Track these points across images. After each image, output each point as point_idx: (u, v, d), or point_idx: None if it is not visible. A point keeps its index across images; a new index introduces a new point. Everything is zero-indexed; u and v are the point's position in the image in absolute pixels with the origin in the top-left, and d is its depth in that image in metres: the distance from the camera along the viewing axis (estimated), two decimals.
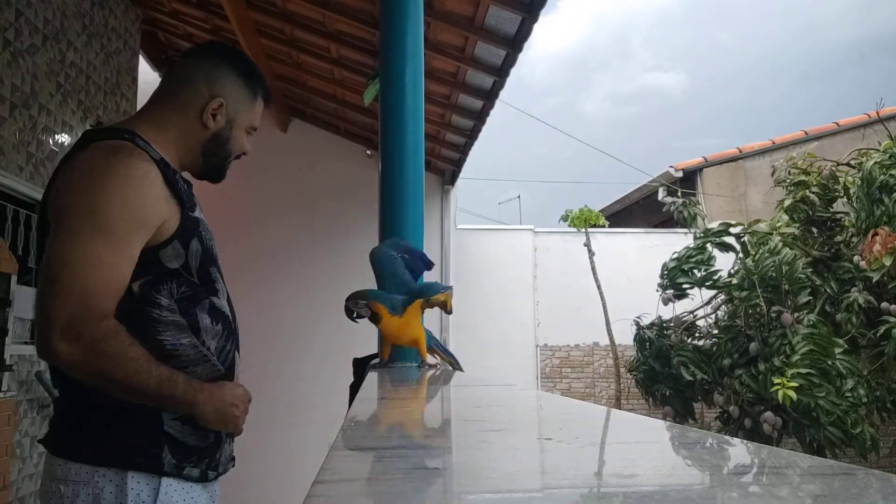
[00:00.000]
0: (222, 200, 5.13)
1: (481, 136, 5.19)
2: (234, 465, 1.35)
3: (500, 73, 4.17)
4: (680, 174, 8.74)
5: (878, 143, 5.42)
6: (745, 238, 5.47)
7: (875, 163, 5.00)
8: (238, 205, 5.74)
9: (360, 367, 1.56)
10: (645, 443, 0.62)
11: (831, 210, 5.58)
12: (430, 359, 1.54)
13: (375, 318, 1.42)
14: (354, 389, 1.48)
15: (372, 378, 1.38)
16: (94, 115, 4.37)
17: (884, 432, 5.55)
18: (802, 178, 5.58)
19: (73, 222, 1.12)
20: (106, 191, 1.14)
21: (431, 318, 1.70)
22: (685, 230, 6.97)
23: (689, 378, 5.16)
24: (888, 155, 5.03)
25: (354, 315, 1.44)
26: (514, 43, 3.80)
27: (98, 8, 4.42)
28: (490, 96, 4.52)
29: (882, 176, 4.91)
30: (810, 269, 5.17)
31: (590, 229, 7.08)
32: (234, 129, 1.35)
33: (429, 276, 1.81)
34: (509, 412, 0.91)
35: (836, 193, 5.51)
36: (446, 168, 6.21)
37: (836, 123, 8.90)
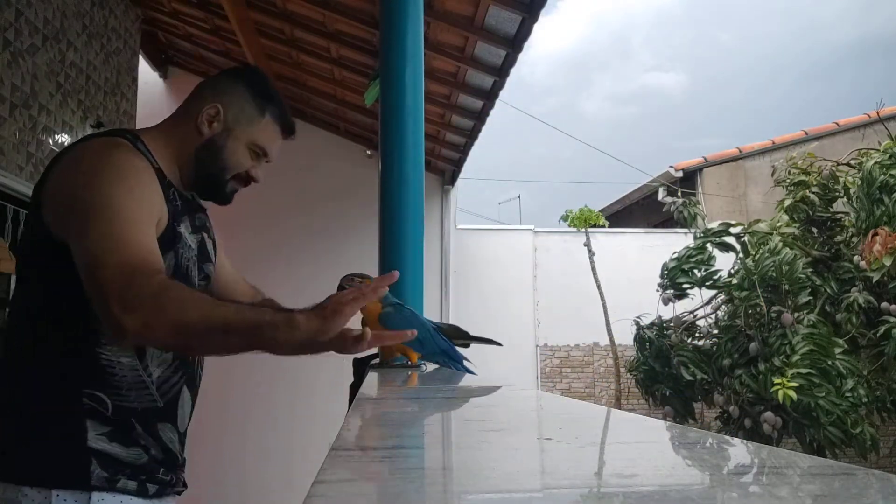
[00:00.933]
0: None
1: (481, 136, 5.19)
2: (185, 488, 1.28)
3: (500, 73, 4.16)
4: (680, 174, 8.75)
5: (878, 143, 5.43)
6: (745, 238, 5.48)
7: (875, 163, 5.00)
8: (238, 204, 5.68)
9: (360, 367, 1.56)
10: (645, 443, 0.62)
11: (831, 210, 5.58)
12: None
13: None
14: (354, 389, 1.48)
15: (372, 378, 1.38)
16: (94, 115, 4.37)
17: (884, 432, 5.55)
18: (802, 178, 5.58)
19: (89, 216, 1.09)
20: (113, 182, 1.12)
21: (431, 315, 1.70)
22: (685, 230, 6.97)
23: (689, 378, 5.17)
24: (888, 155, 5.03)
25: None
26: (514, 43, 3.80)
27: (98, 8, 4.42)
28: (490, 96, 4.52)
29: (882, 176, 4.92)
30: (810, 269, 5.17)
31: (590, 229, 7.08)
32: (231, 140, 1.29)
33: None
34: (509, 412, 0.91)
35: (836, 193, 5.52)
36: (446, 168, 6.21)
37: (836, 123, 8.91)
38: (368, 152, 6.06)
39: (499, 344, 1.59)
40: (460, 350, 1.53)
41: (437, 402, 1.07)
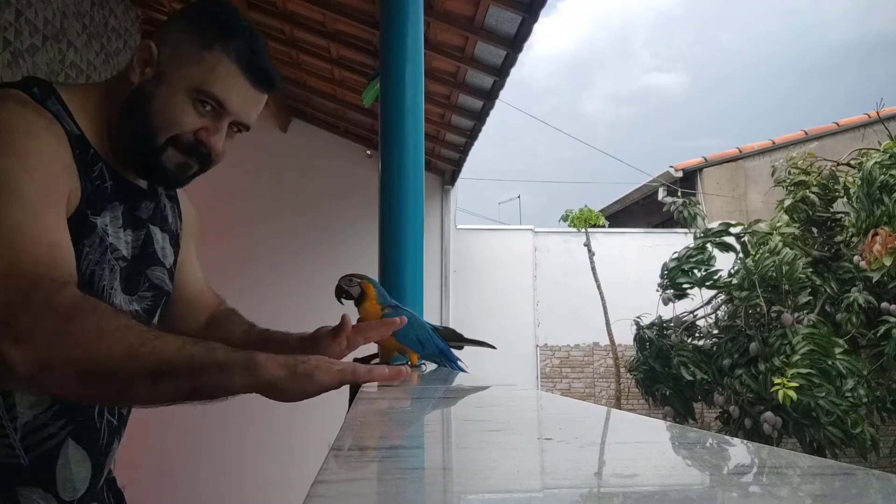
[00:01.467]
0: (222, 200, 5.12)
1: (481, 136, 5.20)
2: None
3: (501, 73, 4.17)
4: (680, 174, 8.76)
5: (878, 143, 5.42)
6: (745, 238, 5.48)
7: (875, 163, 5.00)
8: (237, 204, 5.74)
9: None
10: (645, 443, 0.62)
11: (831, 210, 5.58)
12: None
13: (362, 297, 1.42)
14: (354, 389, 1.48)
15: None
16: None
17: (884, 432, 5.55)
18: (802, 178, 5.58)
19: None
20: (0, 150, 0.81)
21: (431, 317, 1.71)
22: (685, 230, 6.98)
23: (689, 378, 5.17)
24: (888, 155, 5.03)
25: (343, 295, 1.44)
26: (515, 43, 3.80)
27: (98, 8, 4.42)
28: (490, 96, 4.52)
29: (882, 176, 4.91)
30: (810, 269, 5.17)
31: (590, 229, 7.09)
32: (164, 87, 0.93)
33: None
34: (509, 412, 0.91)
35: (836, 193, 5.52)
36: (446, 168, 6.21)
37: (836, 123, 8.91)
38: (368, 152, 6.06)
39: (493, 347, 1.59)
40: (454, 352, 1.54)
41: (436, 401, 1.07)
